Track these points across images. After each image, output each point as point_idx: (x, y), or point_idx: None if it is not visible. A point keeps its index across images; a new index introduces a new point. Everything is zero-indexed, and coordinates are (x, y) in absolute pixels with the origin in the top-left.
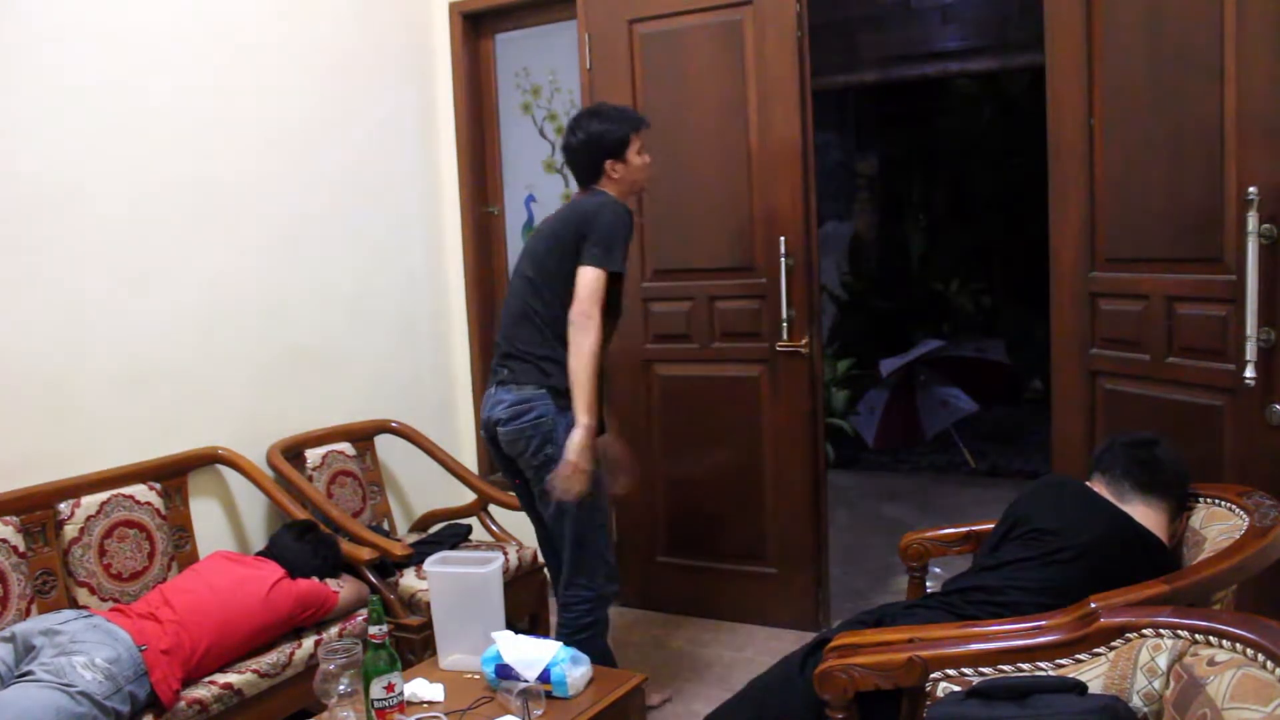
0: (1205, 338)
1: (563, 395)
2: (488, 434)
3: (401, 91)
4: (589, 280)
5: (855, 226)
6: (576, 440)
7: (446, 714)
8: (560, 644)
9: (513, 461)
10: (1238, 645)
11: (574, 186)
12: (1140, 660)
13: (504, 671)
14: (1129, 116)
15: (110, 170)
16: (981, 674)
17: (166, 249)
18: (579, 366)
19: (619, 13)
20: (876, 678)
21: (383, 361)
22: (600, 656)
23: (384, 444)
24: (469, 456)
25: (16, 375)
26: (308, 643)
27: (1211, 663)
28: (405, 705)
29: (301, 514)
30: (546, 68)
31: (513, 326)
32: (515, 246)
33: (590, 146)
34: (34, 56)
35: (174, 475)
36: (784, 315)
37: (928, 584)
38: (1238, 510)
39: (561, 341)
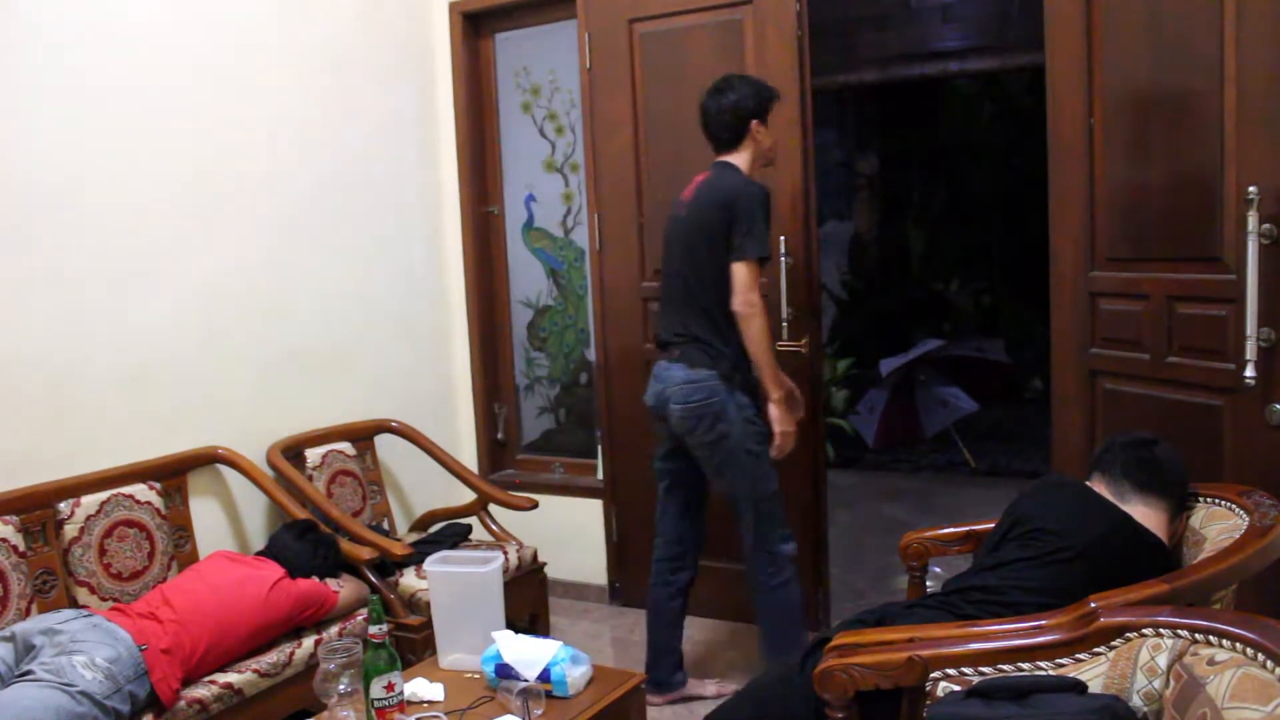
0: (1205, 337)
1: (731, 378)
2: (656, 408)
3: (401, 91)
4: (742, 273)
5: (855, 226)
6: (774, 414)
7: (446, 714)
8: (560, 644)
9: (675, 436)
10: (1238, 645)
11: (573, 186)
12: (1140, 660)
13: (504, 671)
14: (1129, 116)
15: (110, 170)
16: (981, 673)
17: (166, 249)
18: (756, 350)
19: (619, 12)
20: (876, 677)
21: (383, 361)
22: (790, 609)
23: (384, 444)
24: (469, 456)
25: (16, 375)
26: (308, 642)
27: (1211, 662)
28: (405, 705)
29: (301, 514)
30: (546, 67)
31: (681, 309)
32: (515, 246)
33: (741, 105)
34: (34, 57)
35: (174, 475)
36: (784, 315)
37: (928, 584)
38: (1238, 510)
39: (725, 326)
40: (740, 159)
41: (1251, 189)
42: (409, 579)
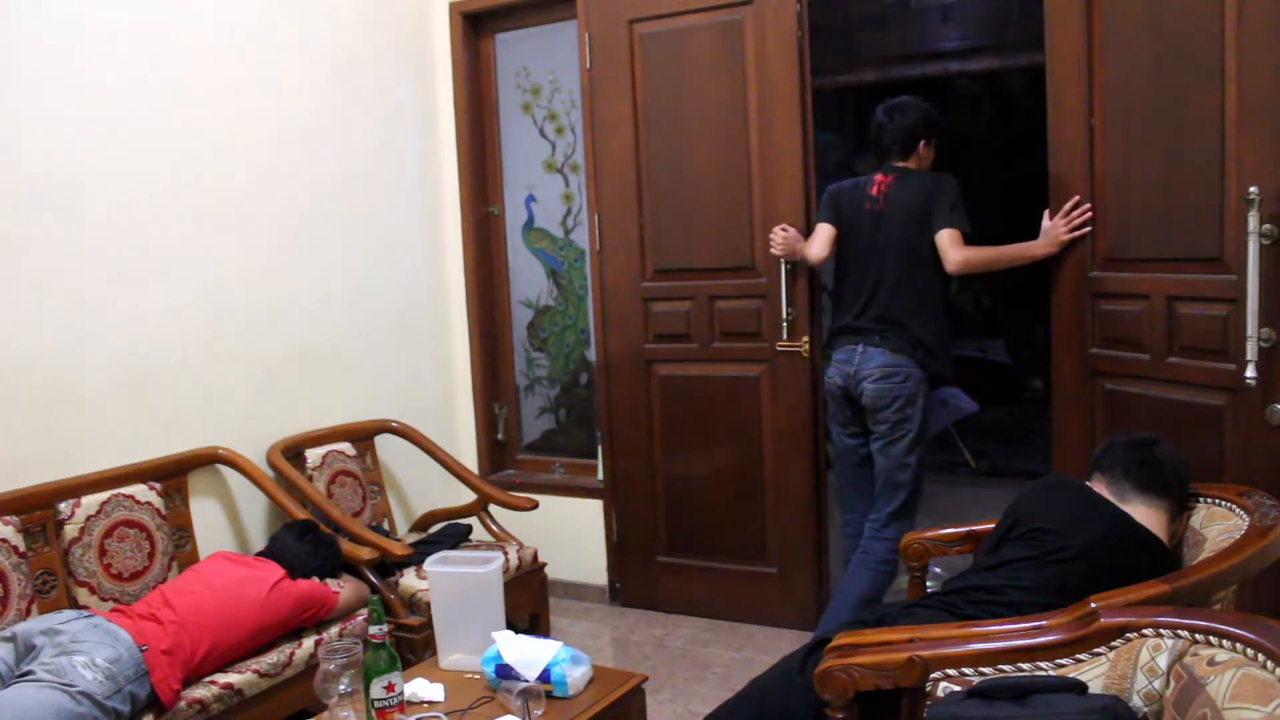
0: (1205, 337)
1: (925, 365)
2: (844, 385)
3: (402, 91)
4: (948, 239)
5: None
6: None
7: (446, 714)
8: (560, 644)
9: (856, 413)
10: (1238, 645)
11: (573, 186)
12: (1140, 660)
13: (504, 671)
14: (1129, 116)
15: (111, 170)
16: (981, 674)
17: (167, 249)
18: (998, 262)
19: (619, 13)
20: (876, 678)
21: (383, 361)
22: (881, 587)
23: (384, 444)
24: (469, 456)
25: (16, 375)
26: (308, 643)
27: (1211, 663)
28: (405, 705)
29: (301, 514)
30: (546, 68)
31: (890, 297)
32: (515, 246)
33: (922, 124)
34: (37, 57)
35: (174, 475)
36: (784, 315)
37: (928, 584)
38: (1238, 510)
39: (932, 319)
40: (910, 165)
41: (1252, 189)
42: (409, 579)
